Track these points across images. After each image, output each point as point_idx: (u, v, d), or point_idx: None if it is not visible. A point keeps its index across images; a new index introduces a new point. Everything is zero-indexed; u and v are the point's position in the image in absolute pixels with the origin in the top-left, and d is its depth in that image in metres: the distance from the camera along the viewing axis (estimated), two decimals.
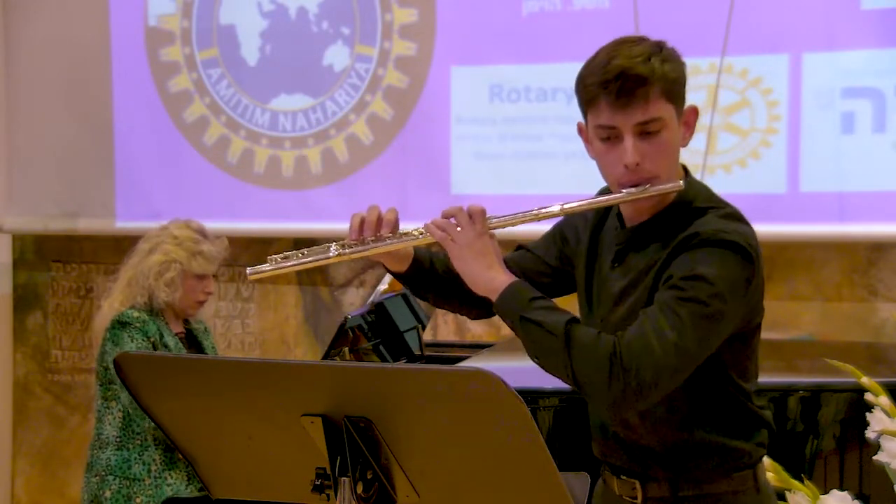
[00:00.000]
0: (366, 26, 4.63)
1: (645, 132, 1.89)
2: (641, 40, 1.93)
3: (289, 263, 2.04)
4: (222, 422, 1.77)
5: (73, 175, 5.00)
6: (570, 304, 2.02)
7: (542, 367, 1.90)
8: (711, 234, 1.87)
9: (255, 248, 4.69)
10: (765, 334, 2.04)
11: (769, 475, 2.22)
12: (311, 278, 4.85)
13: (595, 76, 1.90)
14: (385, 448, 1.63)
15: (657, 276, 1.90)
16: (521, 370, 1.91)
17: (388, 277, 3.69)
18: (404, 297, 3.83)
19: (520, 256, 2.22)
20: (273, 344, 4.89)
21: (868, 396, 2.55)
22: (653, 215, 1.97)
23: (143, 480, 3.40)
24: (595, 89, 1.90)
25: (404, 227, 2.05)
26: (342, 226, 5.39)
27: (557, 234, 2.19)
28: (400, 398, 1.61)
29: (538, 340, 1.86)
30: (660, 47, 1.92)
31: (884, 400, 2.52)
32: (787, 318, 4.24)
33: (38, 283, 5.24)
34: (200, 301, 3.62)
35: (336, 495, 1.65)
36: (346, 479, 1.64)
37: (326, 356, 3.57)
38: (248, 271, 2.07)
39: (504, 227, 1.98)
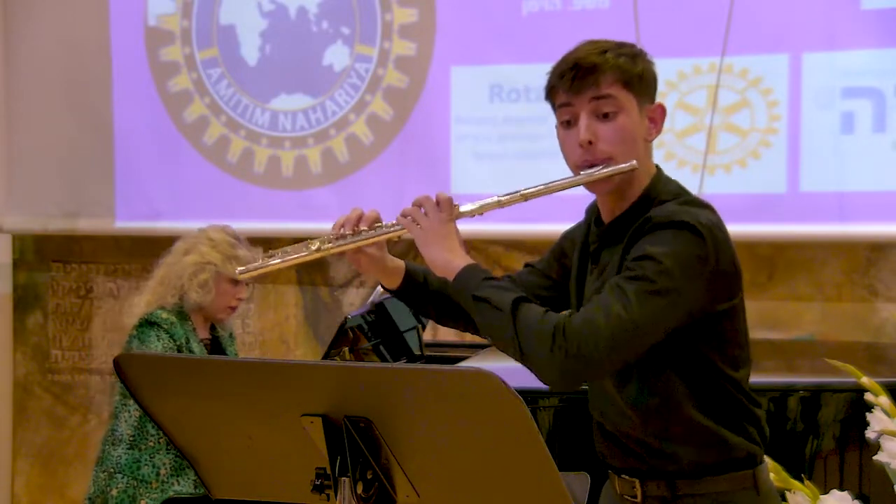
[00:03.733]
0: (366, 26, 4.63)
1: (601, 113, 1.96)
2: (609, 40, 2.02)
3: (275, 261, 2.10)
4: (222, 422, 1.77)
5: (73, 175, 5.00)
6: None
7: (495, 345, 1.95)
8: (663, 217, 1.91)
9: (255, 247, 4.68)
10: (765, 334, 2.04)
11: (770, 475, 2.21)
12: (311, 278, 4.85)
13: (555, 70, 2.01)
14: (385, 448, 1.63)
15: (619, 267, 1.94)
16: (521, 370, 1.91)
17: None
18: None
19: (525, 273, 2.27)
20: (273, 344, 4.88)
21: (868, 396, 2.55)
22: (622, 213, 2.01)
23: (151, 483, 3.40)
24: (553, 80, 2.01)
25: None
26: None
27: (558, 249, 2.24)
28: (400, 398, 1.61)
29: (488, 317, 1.92)
30: (622, 45, 2.02)
31: (884, 400, 2.52)
32: (787, 318, 4.24)
33: (38, 283, 5.24)
34: (232, 307, 3.62)
35: (336, 495, 1.65)
36: (346, 479, 1.64)
37: (326, 356, 3.57)
38: (237, 271, 2.16)
39: (471, 215, 2.06)
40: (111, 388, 5.10)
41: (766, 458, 2.09)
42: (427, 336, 4.02)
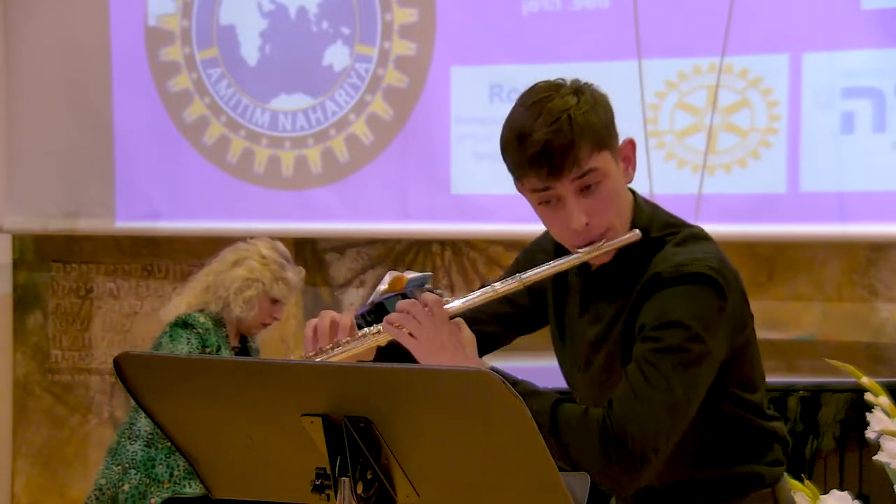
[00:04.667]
0: (366, 26, 4.63)
1: (584, 187, 1.81)
2: (557, 89, 1.84)
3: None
4: (222, 422, 1.76)
5: (73, 175, 5.00)
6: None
7: None
8: (672, 271, 1.80)
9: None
10: (765, 334, 2.03)
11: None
12: (312, 278, 4.85)
13: (519, 154, 1.82)
14: (385, 448, 1.63)
15: (627, 323, 1.84)
16: (521, 370, 1.90)
17: (388, 277, 3.68)
18: (404, 297, 3.83)
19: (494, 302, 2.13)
20: (273, 344, 4.88)
21: (868, 396, 2.55)
22: (612, 257, 1.89)
23: (163, 483, 3.41)
24: (523, 168, 1.82)
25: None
26: (342, 226, 5.38)
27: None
28: (400, 398, 1.61)
29: None
30: (577, 95, 1.83)
31: (884, 400, 2.52)
32: (787, 318, 4.24)
33: (38, 283, 5.24)
34: (266, 324, 3.63)
35: (336, 495, 1.65)
36: (346, 479, 1.64)
37: None
38: None
39: (464, 310, 1.90)
40: (111, 389, 5.10)
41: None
42: None
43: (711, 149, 4.16)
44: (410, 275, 2.25)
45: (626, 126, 1.92)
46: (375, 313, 3.83)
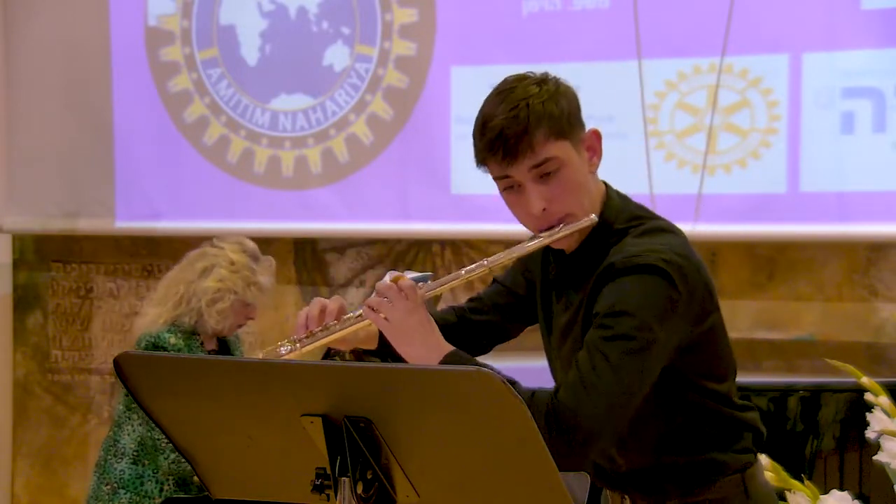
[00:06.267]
0: (366, 26, 4.63)
1: (543, 174, 1.89)
2: (520, 81, 1.94)
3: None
4: (222, 422, 1.77)
5: (73, 175, 5.00)
6: None
7: None
8: (625, 262, 1.85)
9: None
10: (765, 334, 2.04)
11: (768, 475, 2.21)
12: (311, 278, 4.85)
13: (479, 140, 1.94)
14: (385, 448, 1.63)
15: (587, 310, 1.90)
16: (521, 370, 1.91)
17: (388, 277, 3.68)
18: None
19: (494, 291, 2.26)
20: (273, 344, 4.87)
21: (868, 396, 2.55)
22: (578, 245, 1.97)
23: (154, 499, 3.39)
24: (482, 154, 1.94)
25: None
26: (342, 226, 5.39)
27: (520, 264, 2.20)
28: (400, 398, 1.61)
29: None
30: (539, 85, 1.92)
31: (884, 400, 2.52)
32: (787, 318, 4.24)
33: (38, 283, 5.24)
34: (241, 325, 3.61)
35: (336, 495, 1.65)
36: (346, 479, 1.64)
37: (326, 356, 3.57)
38: None
39: (436, 294, 2.00)
40: (111, 389, 5.10)
41: (766, 459, 2.08)
42: None
43: (711, 149, 4.16)
44: (410, 274, 2.26)
45: (626, 126, 1.94)
46: None
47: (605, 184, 2.01)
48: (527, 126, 1.87)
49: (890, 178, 4.02)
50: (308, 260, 4.83)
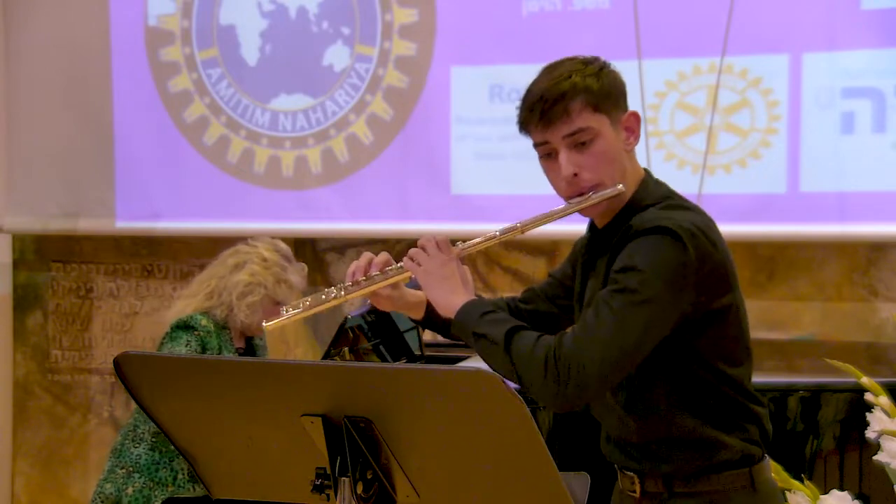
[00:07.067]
0: (366, 26, 4.63)
1: (578, 143, 2.00)
2: (570, 59, 2.06)
3: (296, 311, 2.16)
4: (222, 422, 1.77)
5: (73, 175, 5.00)
6: None
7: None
8: (643, 224, 1.94)
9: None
10: (765, 334, 2.05)
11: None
12: (312, 278, 4.85)
13: (522, 106, 2.06)
14: (385, 448, 1.63)
15: (606, 274, 1.97)
16: None
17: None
18: None
19: (546, 283, 2.34)
20: (273, 344, 4.88)
21: (868, 396, 2.55)
22: (610, 220, 2.06)
23: (167, 486, 3.41)
24: (524, 115, 2.06)
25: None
26: (342, 226, 5.38)
27: (572, 255, 2.28)
28: (400, 398, 1.61)
29: (487, 352, 1.96)
30: (586, 63, 2.05)
31: (884, 400, 2.52)
32: (787, 318, 4.24)
33: (38, 283, 5.24)
34: None
35: (336, 495, 1.65)
36: (346, 479, 1.64)
37: (326, 356, 3.58)
38: (264, 325, 2.25)
39: (472, 251, 2.14)
40: (111, 389, 5.10)
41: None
42: (427, 336, 4.02)
43: (711, 149, 4.16)
44: None
45: None
46: (375, 312, 3.84)
47: (646, 170, 2.09)
48: (564, 93, 1.98)
49: (890, 178, 4.02)
50: (308, 260, 4.83)
